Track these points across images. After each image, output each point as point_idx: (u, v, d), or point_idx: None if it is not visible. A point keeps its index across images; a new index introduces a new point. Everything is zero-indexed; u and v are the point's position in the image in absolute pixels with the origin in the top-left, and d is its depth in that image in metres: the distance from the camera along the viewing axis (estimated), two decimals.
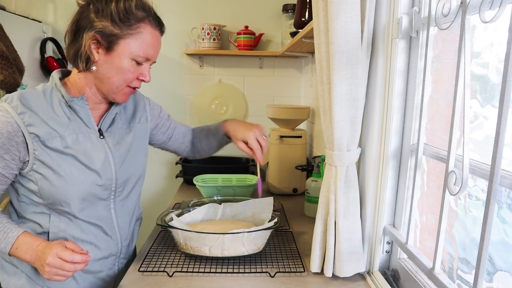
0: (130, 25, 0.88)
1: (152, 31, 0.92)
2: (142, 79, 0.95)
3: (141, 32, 0.89)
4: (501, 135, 0.54)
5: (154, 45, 0.93)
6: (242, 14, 2.11)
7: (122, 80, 0.92)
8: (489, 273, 0.65)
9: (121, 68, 0.90)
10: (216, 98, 2.17)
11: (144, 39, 0.90)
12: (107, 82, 0.91)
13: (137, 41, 0.89)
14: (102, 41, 0.87)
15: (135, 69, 0.92)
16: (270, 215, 1.17)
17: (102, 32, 0.86)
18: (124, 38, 0.88)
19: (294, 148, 1.70)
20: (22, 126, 0.85)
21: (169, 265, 1.03)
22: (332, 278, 0.96)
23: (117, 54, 0.89)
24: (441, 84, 0.81)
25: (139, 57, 0.91)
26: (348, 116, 0.88)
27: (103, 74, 0.91)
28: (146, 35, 0.90)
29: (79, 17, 0.89)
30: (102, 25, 0.86)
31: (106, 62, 0.89)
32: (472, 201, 0.72)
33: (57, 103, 0.91)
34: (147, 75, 0.95)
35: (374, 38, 0.91)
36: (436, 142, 0.83)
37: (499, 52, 0.64)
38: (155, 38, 0.93)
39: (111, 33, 0.87)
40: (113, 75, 0.90)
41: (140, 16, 0.89)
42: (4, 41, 1.54)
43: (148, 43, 0.91)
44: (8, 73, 1.51)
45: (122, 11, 0.87)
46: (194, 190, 1.75)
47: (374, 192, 0.95)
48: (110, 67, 0.90)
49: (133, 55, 0.90)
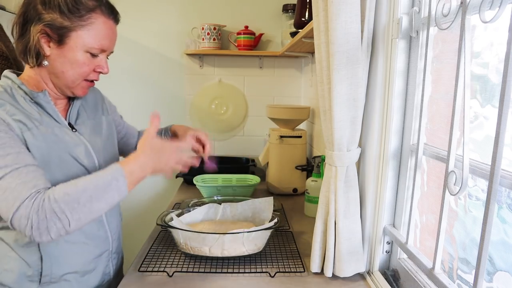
0: (81, 16, 0.83)
1: (105, 21, 0.87)
2: (100, 71, 0.91)
3: (93, 22, 0.84)
4: (501, 135, 0.54)
5: (108, 35, 0.88)
6: (242, 14, 2.11)
7: (77, 74, 0.87)
8: (489, 273, 0.65)
9: (75, 62, 0.85)
10: (216, 98, 2.16)
11: (97, 30, 0.85)
12: (62, 77, 0.87)
13: (89, 33, 0.84)
14: (52, 35, 0.82)
15: (90, 62, 0.88)
16: (270, 215, 1.17)
17: (51, 25, 0.81)
18: (75, 30, 0.83)
19: (294, 148, 1.70)
20: (6, 116, 0.79)
21: (169, 265, 1.03)
22: (332, 278, 0.96)
23: (69, 47, 0.83)
24: (441, 84, 0.81)
25: (94, 49, 0.86)
26: (348, 116, 0.88)
27: (57, 68, 0.86)
28: (99, 25, 0.85)
29: (25, 9, 0.83)
30: (51, 17, 0.81)
31: (59, 56, 0.84)
32: (472, 201, 0.72)
33: (22, 100, 0.84)
34: (105, 66, 0.91)
35: (374, 38, 0.91)
36: (436, 142, 0.83)
37: (499, 52, 0.64)
38: (109, 27, 0.88)
39: (61, 26, 0.81)
40: (67, 69, 0.86)
41: (91, 6, 0.84)
42: (4, 41, 1.54)
43: (102, 33, 0.86)
44: None
45: (71, 2, 0.81)
46: (194, 190, 1.75)
47: (374, 192, 0.95)
48: (64, 61, 0.85)
49: (87, 47, 0.85)
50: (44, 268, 0.87)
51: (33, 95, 0.86)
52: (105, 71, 0.91)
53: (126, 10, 2.06)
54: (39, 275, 0.87)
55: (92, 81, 0.93)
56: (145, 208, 2.25)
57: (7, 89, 0.85)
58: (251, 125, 2.22)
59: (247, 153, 2.20)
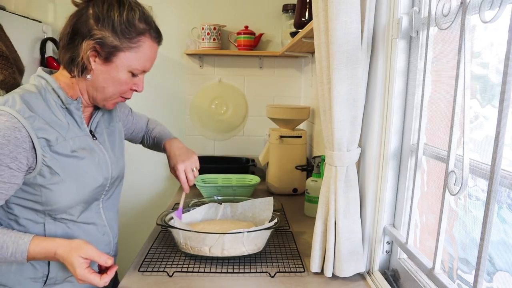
0: (131, 38, 0.85)
1: (151, 45, 0.90)
2: (135, 89, 0.94)
3: (141, 45, 0.87)
4: (501, 135, 0.54)
5: (152, 58, 0.92)
6: (242, 14, 2.11)
7: (117, 90, 0.90)
8: (489, 273, 0.65)
9: (117, 80, 0.88)
10: (216, 98, 2.16)
11: (143, 53, 0.88)
12: (102, 92, 0.89)
13: (136, 55, 0.87)
14: (101, 51, 0.84)
15: (130, 80, 0.91)
16: (270, 215, 1.17)
17: (102, 43, 0.83)
18: (124, 51, 0.86)
19: (294, 148, 1.70)
20: (31, 131, 0.80)
21: (169, 265, 1.03)
22: (332, 278, 0.96)
23: (115, 66, 0.86)
24: (441, 84, 0.81)
25: (137, 70, 0.89)
26: (348, 116, 0.88)
27: (99, 83, 0.88)
28: (146, 48, 0.89)
29: (76, 20, 0.85)
30: (102, 35, 0.83)
31: (103, 72, 0.87)
32: (472, 201, 0.72)
33: (53, 105, 0.86)
34: (141, 85, 0.94)
35: (374, 38, 0.91)
36: (436, 142, 0.83)
37: (499, 52, 0.64)
38: (154, 51, 0.92)
39: (111, 45, 0.84)
40: (108, 85, 0.89)
41: (142, 29, 0.87)
42: (4, 41, 1.54)
43: (147, 56, 0.90)
44: (8, 73, 1.51)
45: (125, 23, 0.84)
46: (194, 190, 1.75)
47: (374, 192, 0.95)
48: (107, 78, 0.88)
49: (131, 68, 0.88)
50: (51, 271, 0.90)
51: (68, 101, 0.88)
52: (140, 90, 0.94)
53: None
54: (45, 277, 0.90)
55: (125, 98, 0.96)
56: (145, 208, 2.25)
57: (41, 92, 0.86)
58: (251, 125, 2.22)
59: (247, 153, 2.20)
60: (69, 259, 0.81)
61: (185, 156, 1.14)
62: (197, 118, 2.18)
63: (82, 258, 0.81)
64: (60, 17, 2.04)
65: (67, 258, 0.81)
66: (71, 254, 0.81)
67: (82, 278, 0.81)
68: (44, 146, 0.82)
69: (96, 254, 0.82)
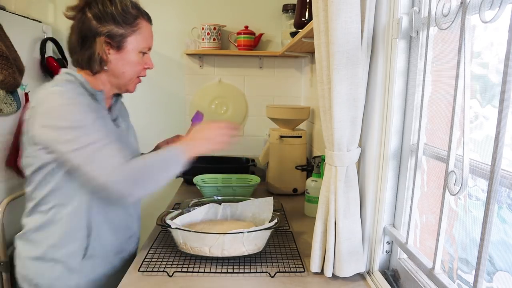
0: (131, 23, 1.00)
1: (147, 24, 1.05)
2: (147, 67, 1.08)
3: (140, 27, 1.02)
4: (501, 135, 0.54)
5: (151, 35, 1.08)
6: (242, 14, 2.11)
7: (134, 72, 1.05)
8: (489, 273, 0.65)
9: (132, 62, 1.03)
10: (216, 98, 2.16)
11: (144, 32, 1.03)
12: (122, 77, 1.04)
13: (140, 36, 1.02)
14: (112, 42, 0.98)
15: (141, 60, 1.05)
16: (270, 215, 1.17)
17: (111, 35, 0.97)
18: (130, 35, 1.00)
19: (294, 148, 1.70)
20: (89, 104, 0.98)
21: (169, 265, 1.03)
22: (332, 278, 0.96)
23: (126, 51, 1.01)
24: (441, 84, 0.81)
25: (145, 48, 1.05)
26: (348, 116, 0.88)
27: (118, 70, 1.02)
28: (144, 28, 1.04)
29: (80, 26, 0.97)
30: (108, 29, 0.97)
31: (118, 60, 1.01)
32: (472, 201, 0.72)
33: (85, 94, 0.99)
34: (150, 62, 1.09)
35: (374, 38, 0.91)
36: (436, 142, 0.83)
37: (499, 52, 0.64)
38: (150, 29, 1.07)
39: (118, 34, 0.98)
40: (127, 70, 1.03)
41: (136, 14, 1.01)
42: (4, 41, 1.54)
43: (147, 34, 1.05)
44: (8, 73, 1.51)
45: (122, 13, 0.98)
46: (194, 190, 1.75)
47: (374, 192, 0.95)
48: (123, 63, 1.02)
49: (140, 48, 1.03)
50: (90, 244, 1.02)
51: (95, 93, 1.02)
52: (151, 66, 1.09)
53: None
54: (84, 249, 1.01)
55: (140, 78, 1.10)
56: (145, 208, 2.24)
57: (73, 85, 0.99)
58: (251, 125, 2.23)
59: (247, 153, 2.20)
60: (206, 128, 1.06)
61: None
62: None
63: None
64: (60, 17, 2.04)
65: (205, 128, 1.07)
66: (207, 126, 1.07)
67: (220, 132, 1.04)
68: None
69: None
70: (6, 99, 1.57)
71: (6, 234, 1.61)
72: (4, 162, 1.62)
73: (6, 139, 1.62)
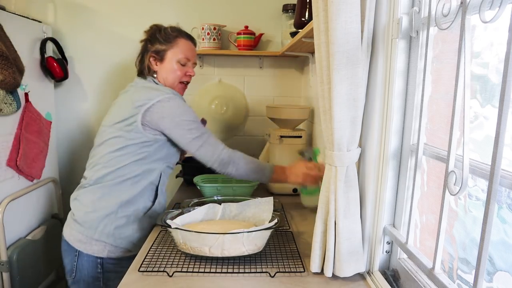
0: (170, 41, 1.36)
1: (185, 42, 1.39)
2: (189, 74, 1.40)
3: (178, 43, 1.37)
4: (501, 135, 0.54)
5: (188, 49, 1.39)
6: (242, 14, 2.11)
7: (174, 77, 1.37)
8: (489, 273, 0.65)
9: (171, 69, 1.37)
10: (216, 98, 2.16)
11: (181, 47, 1.37)
12: (167, 81, 1.38)
13: (177, 49, 1.37)
14: (157, 56, 1.37)
15: (181, 69, 1.38)
16: (270, 215, 1.17)
17: (156, 51, 1.37)
18: (169, 49, 1.36)
19: (294, 148, 1.70)
20: None
21: (169, 265, 1.03)
22: (332, 278, 0.96)
23: (167, 61, 1.37)
24: (441, 84, 0.81)
25: (182, 59, 1.37)
26: (348, 116, 0.88)
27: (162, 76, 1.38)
28: (181, 44, 1.38)
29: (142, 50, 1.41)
30: (155, 47, 1.37)
31: (161, 69, 1.38)
32: (472, 201, 0.72)
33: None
34: (191, 71, 1.41)
35: (374, 38, 0.91)
36: (436, 142, 0.83)
37: (499, 52, 0.64)
38: (188, 45, 1.40)
39: (161, 50, 1.36)
40: (168, 75, 1.37)
41: (175, 34, 1.38)
42: (4, 41, 1.54)
43: (183, 49, 1.38)
44: (8, 73, 1.51)
45: (164, 35, 1.37)
46: (194, 190, 1.75)
47: (374, 192, 0.95)
48: (165, 71, 1.37)
49: (177, 59, 1.36)
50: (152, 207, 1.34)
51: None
52: (192, 74, 1.41)
53: (126, 10, 2.06)
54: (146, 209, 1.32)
55: (186, 83, 1.43)
56: None
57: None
58: (251, 125, 2.23)
59: (247, 153, 2.19)
60: (297, 168, 1.33)
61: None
62: None
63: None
64: (60, 17, 2.04)
65: (295, 168, 1.34)
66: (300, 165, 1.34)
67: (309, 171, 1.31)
68: None
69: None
70: (6, 99, 1.57)
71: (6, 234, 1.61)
72: (4, 162, 1.62)
73: (6, 139, 1.62)
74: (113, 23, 2.07)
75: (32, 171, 1.79)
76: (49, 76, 1.94)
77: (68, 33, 2.06)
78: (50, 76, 1.94)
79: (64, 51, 2.01)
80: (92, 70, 2.10)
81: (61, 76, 1.94)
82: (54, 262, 1.93)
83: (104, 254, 1.26)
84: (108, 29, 2.07)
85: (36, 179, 1.84)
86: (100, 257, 1.26)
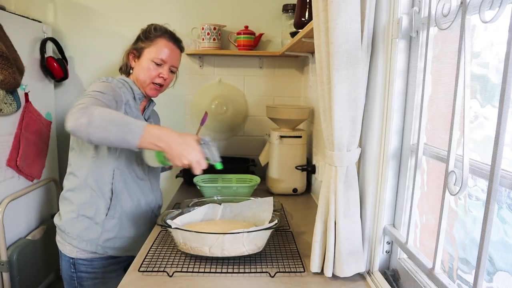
0: (151, 39, 1.32)
1: (165, 43, 1.32)
2: (162, 76, 1.32)
3: (157, 43, 1.31)
4: (501, 135, 0.54)
5: (166, 52, 1.32)
6: (242, 14, 2.11)
7: (146, 77, 1.30)
8: (489, 273, 0.65)
9: (145, 68, 1.30)
10: (216, 98, 2.16)
11: (158, 48, 1.31)
12: (139, 79, 1.32)
13: (153, 48, 1.31)
14: (135, 53, 1.33)
15: (155, 69, 1.31)
16: (270, 215, 1.17)
17: (135, 48, 1.33)
18: (147, 47, 1.31)
19: (294, 148, 1.70)
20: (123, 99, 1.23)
21: (169, 265, 1.03)
22: (332, 278, 0.96)
23: (142, 59, 1.32)
24: (441, 84, 0.81)
25: (156, 59, 1.30)
26: (348, 116, 0.88)
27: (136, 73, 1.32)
28: (160, 44, 1.31)
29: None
30: (136, 45, 1.33)
31: (137, 66, 1.33)
32: (472, 201, 0.72)
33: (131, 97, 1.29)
34: (165, 73, 1.32)
35: (374, 38, 0.91)
36: (436, 142, 0.83)
37: (499, 52, 0.64)
38: (169, 47, 1.33)
39: (140, 47, 1.32)
40: (140, 73, 1.31)
41: (157, 34, 1.32)
42: (4, 41, 1.54)
43: (161, 50, 1.31)
44: (8, 73, 1.51)
45: (147, 33, 1.33)
46: (194, 190, 1.75)
47: (374, 192, 0.95)
48: (139, 69, 1.31)
49: (151, 58, 1.30)
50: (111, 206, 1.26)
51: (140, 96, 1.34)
52: (165, 77, 1.33)
53: (126, 10, 2.06)
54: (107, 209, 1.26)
55: (159, 85, 1.33)
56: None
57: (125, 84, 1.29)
58: (251, 125, 2.22)
59: (247, 153, 2.20)
60: (188, 138, 1.08)
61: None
62: (197, 118, 2.18)
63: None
64: (60, 17, 2.04)
65: (184, 136, 1.08)
66: (187, 136, 1.09)
67: (197, 157, 1.06)
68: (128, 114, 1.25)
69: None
70: (6, 99, 1.57)
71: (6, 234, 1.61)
72: (4, 162, 1.62)
73: (6, 139, 1.62)
74: (113, 23, 2.07)
75: (32, 171, 1.79)
76: (49, 76, 1.94)
77: (68, 33, 2.05)
78: (50, 76, 1.94)
79: (64, 51, 2.01)
80: (92, 70, 2.10)
81: (61, 76, 1.94)
82: (54, 262, 1.93)
83: (74, 254, 1.28)
84: (108, 29, 2.07)
85: (36, 179, 1.84)
86: (72, 258, 1.28)
